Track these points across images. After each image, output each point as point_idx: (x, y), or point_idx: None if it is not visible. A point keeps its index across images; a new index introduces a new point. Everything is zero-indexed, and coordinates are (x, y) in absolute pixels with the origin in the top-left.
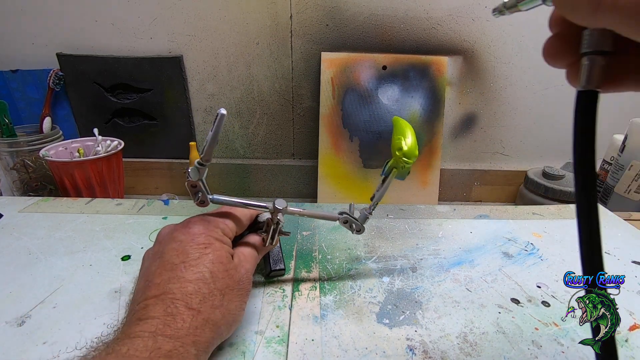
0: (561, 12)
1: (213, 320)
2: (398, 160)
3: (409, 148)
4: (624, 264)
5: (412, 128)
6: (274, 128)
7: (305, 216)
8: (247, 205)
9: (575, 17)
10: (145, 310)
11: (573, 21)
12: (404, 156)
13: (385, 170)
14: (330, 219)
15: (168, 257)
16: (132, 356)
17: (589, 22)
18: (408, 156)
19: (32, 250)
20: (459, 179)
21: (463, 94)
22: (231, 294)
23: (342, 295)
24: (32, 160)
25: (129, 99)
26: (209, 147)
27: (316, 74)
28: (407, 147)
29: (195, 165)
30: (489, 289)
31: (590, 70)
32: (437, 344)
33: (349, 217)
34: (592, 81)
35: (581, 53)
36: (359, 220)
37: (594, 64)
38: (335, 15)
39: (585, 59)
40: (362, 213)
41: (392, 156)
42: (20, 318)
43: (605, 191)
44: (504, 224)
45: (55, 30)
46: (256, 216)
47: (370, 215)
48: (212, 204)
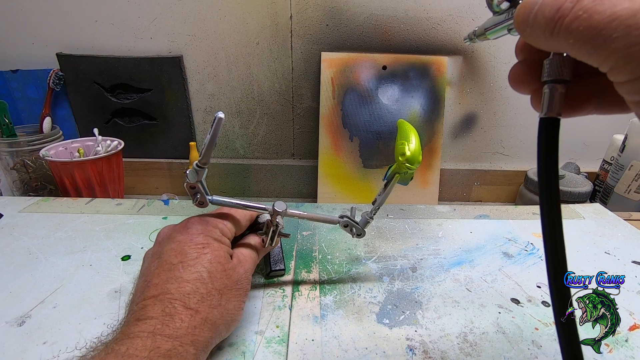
0: (522, 34)
1: (211, 319)
2: (401, 165)
3: (413, 153)
4: (624, 264)
5: (417, 132)
6: (274, 128)
7: (306, 219)
8: (247, 207)
9: (535, 40)
10: (143, 311)
11: (533, 44)
12: (407, 162)
13: (387, 175)
14: (331, 222)
15: (166, 257)
16: (132, 355)
17: (546, 46)
18: (411, 162)
19: (32, 250)
20: (459, 179)
21: (463, 94)
22: (229, 293)
23: (342, 295)
24: (32, 160)
25: (129, 99)
26: (207, 149)
27: (316, 74)
28: (411, 153)
29: (193, 167)
30: (489, 289)
31: (550, 99)
32: (437, 344)
33: (349, 220)
34: (552, 109)
35: (542, 81)
36: (359, 224)
37: (554, 92)
38: (335, 15)
39: (546, 87)
40: (363, 217)
41: (394, 161)
42: (20, 318)
43: (605, 191)
44: (504, 224)
45: (55, 30)
46: (257, 217)
47: (372, 220)
48: (212, 205)
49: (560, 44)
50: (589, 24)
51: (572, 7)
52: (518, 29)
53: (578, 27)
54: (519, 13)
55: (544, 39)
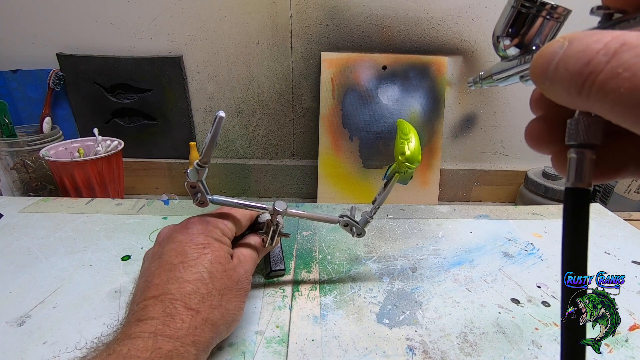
0: (541, 89)
1: (212, 320)
2: (400, 165)
3: (412, 153)
4: (624, 264)
5: (416, 132)
6: (274, 128)
7: (306, 218)
8: (247, 207)
9: (557, 97)
10: (144, 311)
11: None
12: (406, 161)
13: (387, 174)
14: (331, 221)
15: (167, 257)
16: (134, 357)
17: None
18: (411, 161)
19: (32, 250)
20: (459, 179)
21: (463, 94)
22: (230, 294)
23: (342, 295)
24: (32, 160)
25: (129, 99)
26: (208, 149)
27: (316, 74)
28: (410, 152)
29: (194, 166)
30: (489, 289)
31: (578, 167)
32: (437, 344)
33: (349, 220)
34: (582, 178)
35: (566, 144)
36: (359, 223)
37: (582, 159)
38: (335, 15)
39: (572, 151)
40: (363, 216)
41: (394, 160)
42: (20, 318)
43: (605, 191)
44: (504, 224)
45: (55, 30)
46: (257, 216)
47: (372, 219)
48: (212, 204)
49: (592, 106)
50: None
51: (607, 62)
52: (536, 83)
53: (618, 88)
54: (536, 63)
55: (568, 97)
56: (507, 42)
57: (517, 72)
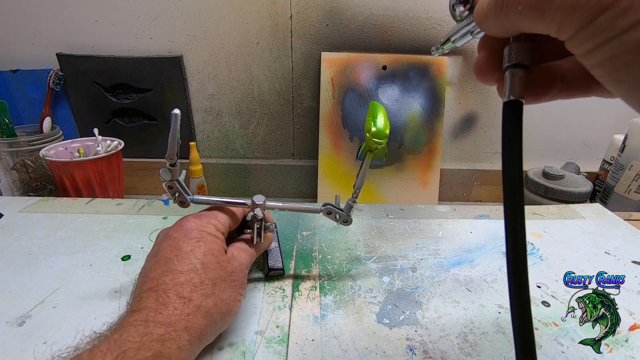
0: (482, 29)
1: (205, 307)
2: (369, 142)
3: (378, 129)
4: (624, 264)
5: (385, 110)
6: (274, 128)
7: (287, 210)
8: (228, 204)
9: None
10: (139, 303)
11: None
12: (373, 137)
13: (359, 154)
14: (313, 211)
15: (163, 253)
16: (125, 341)
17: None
18: (378, 136)
19: (32, 250)
20: (459, 179)
21: (463, 94)
22: (223, 284)
23: (342, 295)
24: (32, 160)
25: (129, 99)
26: (170, 146)
27: (316, 74)
28: (376, 128)
29: (166, 166)
30: (489, 289)
31: (511, 83)
32: (437, 344)
33: (332, 207)
34: (514, 91)
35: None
36: (344, 210)
37: (514, 76)
38: (335, 15)
39: (507, 72)
40: (346, 203)
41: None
42: (20, 318)
43: (605, 191)
44: (503, 224)
45: (55, 30)
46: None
47: (355, 204)
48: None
49: (513, 20)
50: None
51: None
52: (479, 25)
53: None
54: (476, 12)
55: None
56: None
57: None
